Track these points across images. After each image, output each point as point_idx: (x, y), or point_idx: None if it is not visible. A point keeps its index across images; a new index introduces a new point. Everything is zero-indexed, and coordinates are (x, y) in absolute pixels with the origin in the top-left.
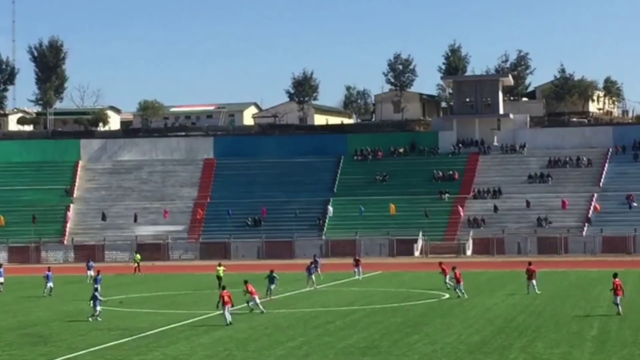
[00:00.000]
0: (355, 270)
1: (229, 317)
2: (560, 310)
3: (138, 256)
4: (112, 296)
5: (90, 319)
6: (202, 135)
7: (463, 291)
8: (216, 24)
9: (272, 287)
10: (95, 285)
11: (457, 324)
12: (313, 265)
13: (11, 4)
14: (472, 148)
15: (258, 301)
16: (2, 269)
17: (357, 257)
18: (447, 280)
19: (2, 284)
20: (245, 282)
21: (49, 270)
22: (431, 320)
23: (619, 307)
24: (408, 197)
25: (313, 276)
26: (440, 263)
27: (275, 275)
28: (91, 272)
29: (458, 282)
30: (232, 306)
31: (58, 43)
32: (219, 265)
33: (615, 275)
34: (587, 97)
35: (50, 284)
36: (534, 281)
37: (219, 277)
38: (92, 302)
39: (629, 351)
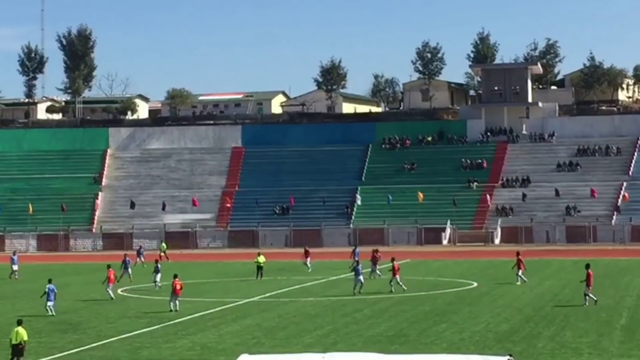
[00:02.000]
0: (305, 261)
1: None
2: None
3: (164, 245)
4: (138, 284)
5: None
6: (230, 123)
7: (400, 283)
8: (245, 12)
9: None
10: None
11: (485, 312)
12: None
13: None
14: (501, 136)
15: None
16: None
17: (306, 248)
18: (520, 274)
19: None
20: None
21: (14, 255)
22: (459, 308)
23: (587, 298)
24: (436, 185)
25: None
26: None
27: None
28: (142, 258)
29: (394, 274)
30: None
31: (87, 32)
32: (259, 254)
33: (587, 266)
34: (617, 86)
35: (15, 267)
36: (520, 272)
37: (259, 267)
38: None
39: None
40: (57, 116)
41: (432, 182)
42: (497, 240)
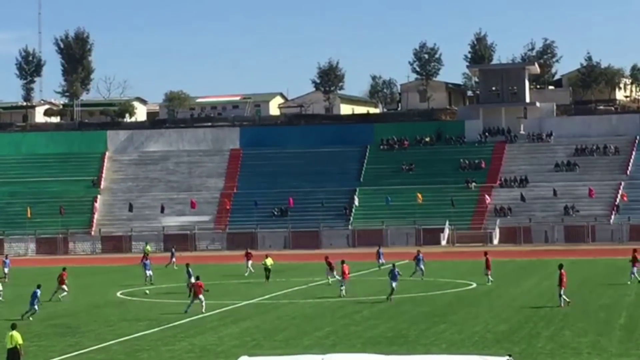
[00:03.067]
0: (247, 263)
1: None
2: (588, 298)
3: (148, 247)
4: (137, 287)
5: None
6: (228, 125)
7: (342, 288)
8: (242, 14)
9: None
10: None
11: (485, 313)
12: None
13: None
14: (499, 137)
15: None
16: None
17: (247, 250)
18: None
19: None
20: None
21: (6, 258)
22: (458, 309)
23: (562, 299)
24: (434, 186)
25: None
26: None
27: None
28: (174, 259)
29: (344, 277)
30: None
31: (84, 35)
32: (267, 256)
33: (560, 267)
34: (614, 85)
35: (6, 269)
36: (489, 272)
37: (266, 269)
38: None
39: None
40: (55, 119)
41: (431, 183)
42: (495, 241)
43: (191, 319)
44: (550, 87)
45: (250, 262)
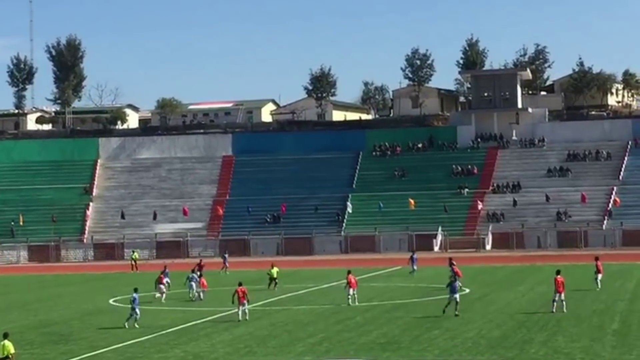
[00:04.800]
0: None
1: (241, 315)
2: (581, 304)
3: (136, 254)
4: (130, 294)
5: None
6: (220, 132)
7: (349, 297)
8: (233, 21)
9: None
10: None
11: (478, 318)
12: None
13: (28, 4)
14: (491, 142)
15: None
16: None
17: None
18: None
19: None
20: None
21: None
22: (451, 315)
23: (555, 304)
24: (427, 192)
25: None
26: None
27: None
28: (226, 264)
29: (351, 286)
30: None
31: (76, 42)
32: (272, 266)
33: (558, 272)
34: (606, 90)
35: None
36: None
37: (271, 278)
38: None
39: None
40: (47, 127)
41: (423, 189)
42: (488, 246)
43: (184, 325)
44: (543, 93)
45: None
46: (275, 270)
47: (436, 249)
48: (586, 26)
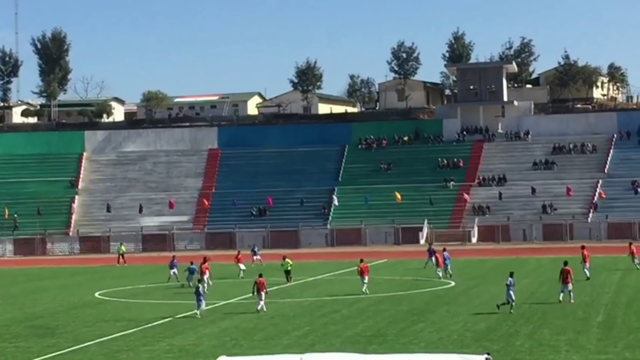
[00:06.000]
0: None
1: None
2: (566, 296)
3: (123, 248)
4: (115, 287)
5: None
6: (206, 125)
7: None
8: (219, 14)
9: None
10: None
11: (463, 311)
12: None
13: None
14: (477, 135)
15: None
16: None
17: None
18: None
19: None
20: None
21: None
22: (437, 308)
23: (562, 295)
24: (413, 185)
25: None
26: (630, 244)
27: None
28: (257, 257)
29: (363, 275)
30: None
31: (61, 35)
32: (284, 258)
33: (565, 263)
34: (591, 83)
35: None
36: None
37: (286, 271)
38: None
39: (635, 337)
40: (33, 120)
41: (409, 182)
42: (474, 239)
43: (169, 319)
44: (528, 86)
45: (241, 264)
46: (288, 262)
47: (422, 242)
48: (572, 19)
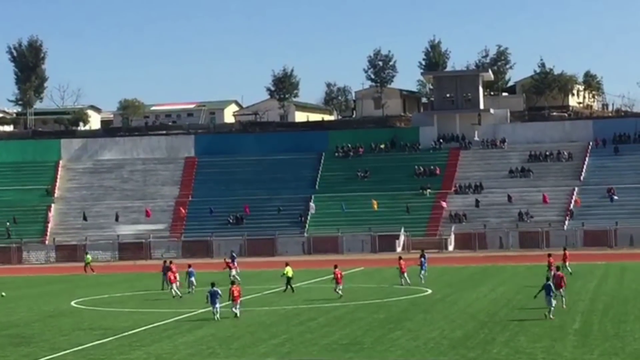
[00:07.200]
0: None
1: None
2: (542, 304)
3: (89, 257)
4: (92, 296)
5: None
6: (182, 133)
7: (339, 291)
8: (195, 22)
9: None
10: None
11: (440, 319)
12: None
13: None
14: (453, 143)
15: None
16: None
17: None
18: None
19: None
20: (335, 266)
21: None
22: (414, 315)
23: (554, 301)
24: (390, 193)
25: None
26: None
27: None
28: (288, 268)
29: (337, 281)
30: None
31: (37, 43)
32: (287, 265)
33: (558, 269)
34: (567, 91)
35: None
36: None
37: (288, 278)
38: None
39: (611, 344)
40: (8, 128)
41: (386, 190)
42: (451, 247)
43: (146, 327)
44: (504, 94)
45: (233, 270)
46: (289, 270)
47: (399, 249)
48: (547, 27)
